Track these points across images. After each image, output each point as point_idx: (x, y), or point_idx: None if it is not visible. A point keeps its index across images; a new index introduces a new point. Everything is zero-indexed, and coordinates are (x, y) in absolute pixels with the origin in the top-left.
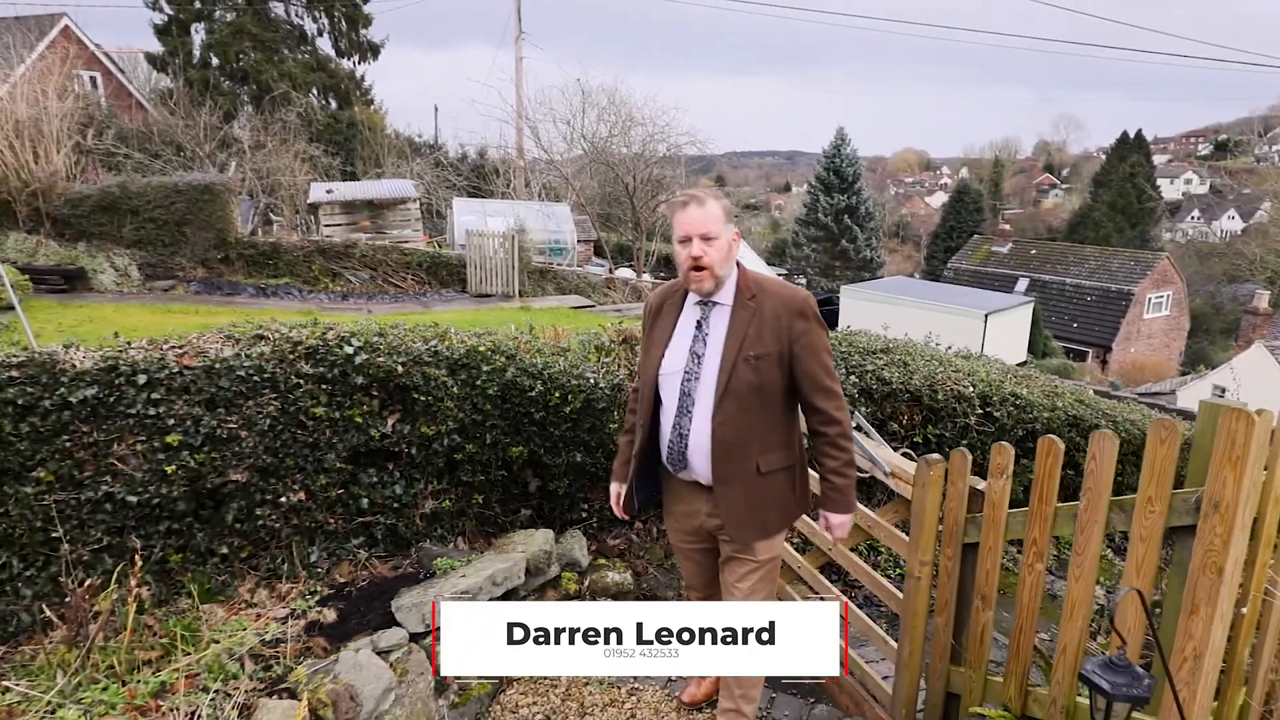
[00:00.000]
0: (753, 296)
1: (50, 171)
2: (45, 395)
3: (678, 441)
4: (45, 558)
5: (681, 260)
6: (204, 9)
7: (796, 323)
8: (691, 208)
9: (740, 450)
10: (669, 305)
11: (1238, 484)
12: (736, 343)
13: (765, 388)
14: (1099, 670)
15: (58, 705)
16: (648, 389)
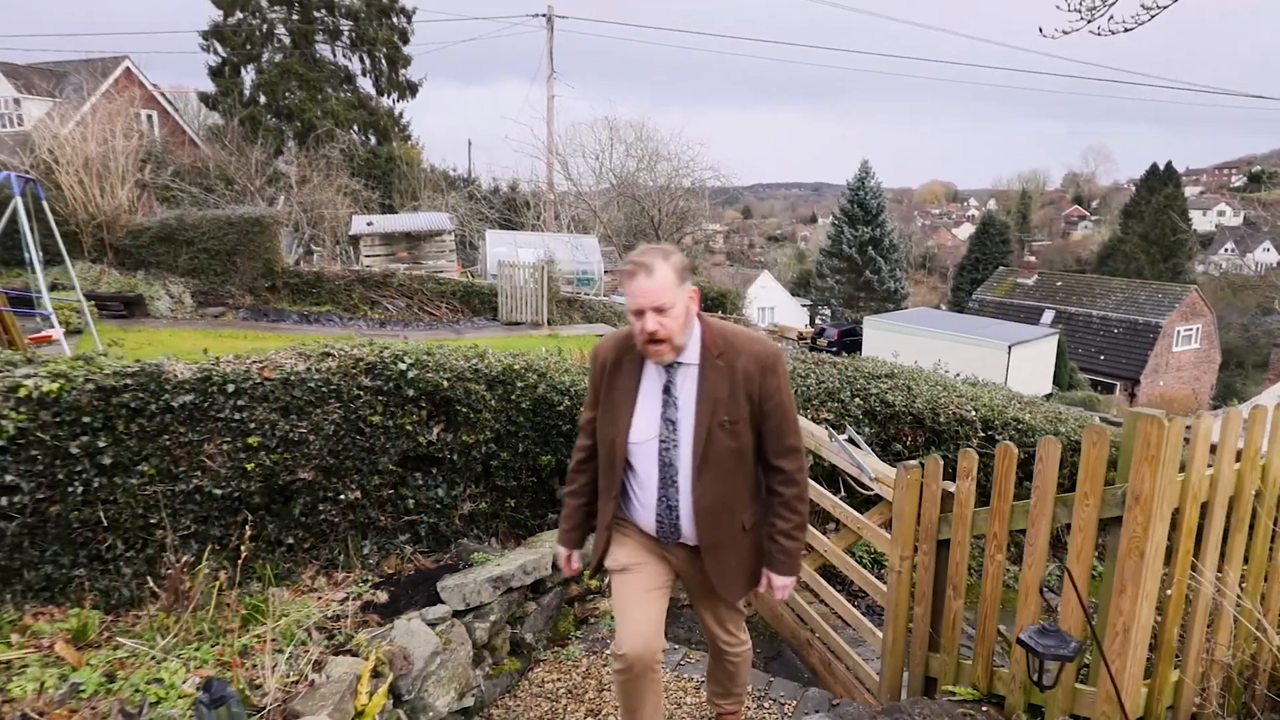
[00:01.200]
0: (720, 354)
1: (115, 205)
2: (152, 400)
3: (667, 514)
4: (143, 541)
5: (636, 333)
6: (255, 51)
7: (768, 380)
8: (640, 278)
9: (725, 514)
10: (628, 362)
11: (1154, 479)
12: (709, 407)
13: (742, 450)
14: (1034, 635)
15: (161, 660)
16: (618, 459)
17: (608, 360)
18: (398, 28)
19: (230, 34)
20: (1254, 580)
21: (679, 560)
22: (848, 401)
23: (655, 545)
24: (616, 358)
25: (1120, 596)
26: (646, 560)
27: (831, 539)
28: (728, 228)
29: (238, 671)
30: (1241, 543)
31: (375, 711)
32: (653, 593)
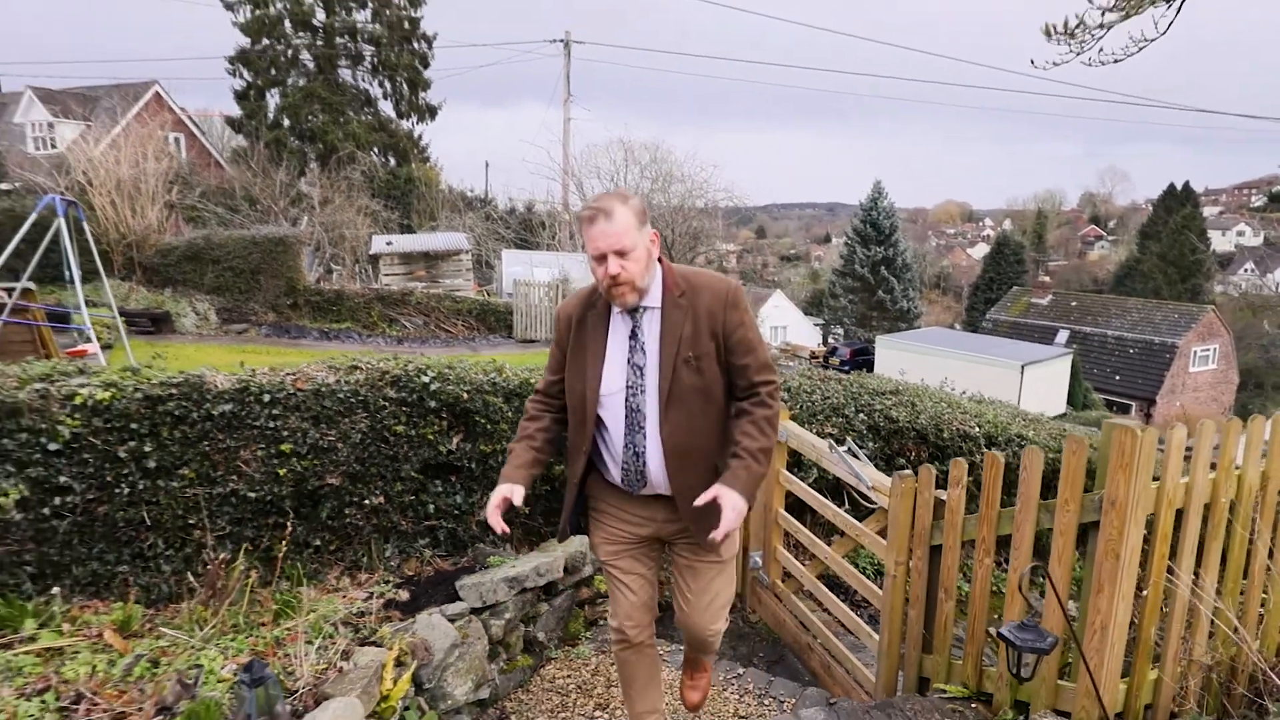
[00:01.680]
0: (682, 294)
1: (144, 225)
2: (194, 409)
3: (634, 461)
4: (182, 541)
5: (598, 277)
6: (279, 76)
7: (731, 314)
8: (599, 222)
9: (695, 456)
10: (593, 316)
11: (1128, 485)
12: (673, 345)
13: (709, 387)
14: (1013, 630)
15: (200, 648)
16: (589, 412)
17: (573, 317)
18: (418, 53)
19: (256, 59)
20: (1231, 585)
21: (661, 525)
22: (852, 417)
23: (635, 517)
24: (581, 314)
25: (1098, 596)
26: (630, 543)
27: (832, 548)
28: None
29: (272, 660)
30: (1217, 549)
31: (399, 696)
32: (642, 573)
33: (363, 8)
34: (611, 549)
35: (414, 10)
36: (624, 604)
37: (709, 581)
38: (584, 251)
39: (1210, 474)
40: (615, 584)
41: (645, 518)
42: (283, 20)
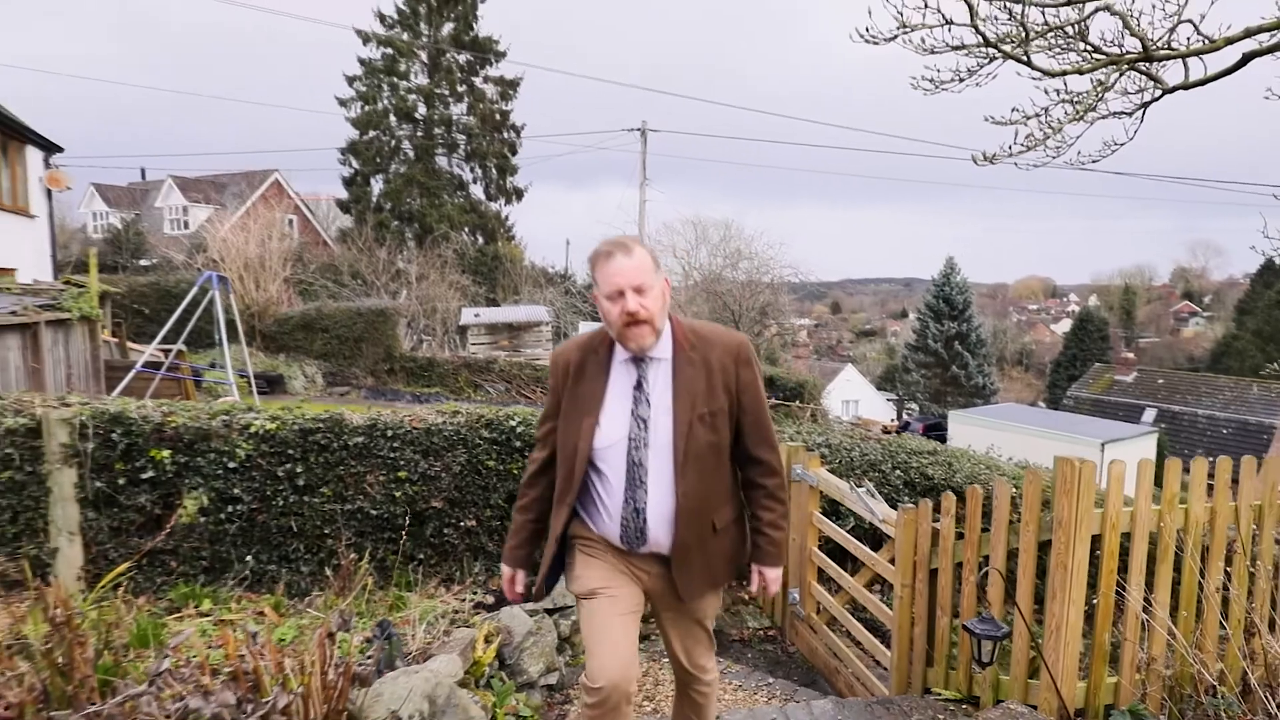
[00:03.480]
0: (693, 347)
1: (266, 298)
2: (334, 439)
3: (634, 518)
4: (318, 546)
5: (614, 317)
6: (383, 163)
7: (743, 371)
8: (619, 258)
9: (701, 514)
10: (594, 363)
11: (1070, 508)
12: (688, 401)
13: (720, 445)
14: (974, 623)
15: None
16: (579, 463)
17: (571, 363)
18: (507, 141)
19: (363, 149)
20: (1186, 606)
21: (649, 578)
22: (888, 472)
23: (623, 563)
24: (581, 359)
25: (1052, 602)
26: (616, 583)
27: (855, 578)
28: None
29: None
30: (1168, 571)
31: (487, 662)
32: (625, 618)
33: (459, 102)
34: (601, 575)
35: (504, 104)
36: (606, 653)
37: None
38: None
39: (1155, 506)
40: (596, 626)
41: (637, 570)
42: (388, 114)
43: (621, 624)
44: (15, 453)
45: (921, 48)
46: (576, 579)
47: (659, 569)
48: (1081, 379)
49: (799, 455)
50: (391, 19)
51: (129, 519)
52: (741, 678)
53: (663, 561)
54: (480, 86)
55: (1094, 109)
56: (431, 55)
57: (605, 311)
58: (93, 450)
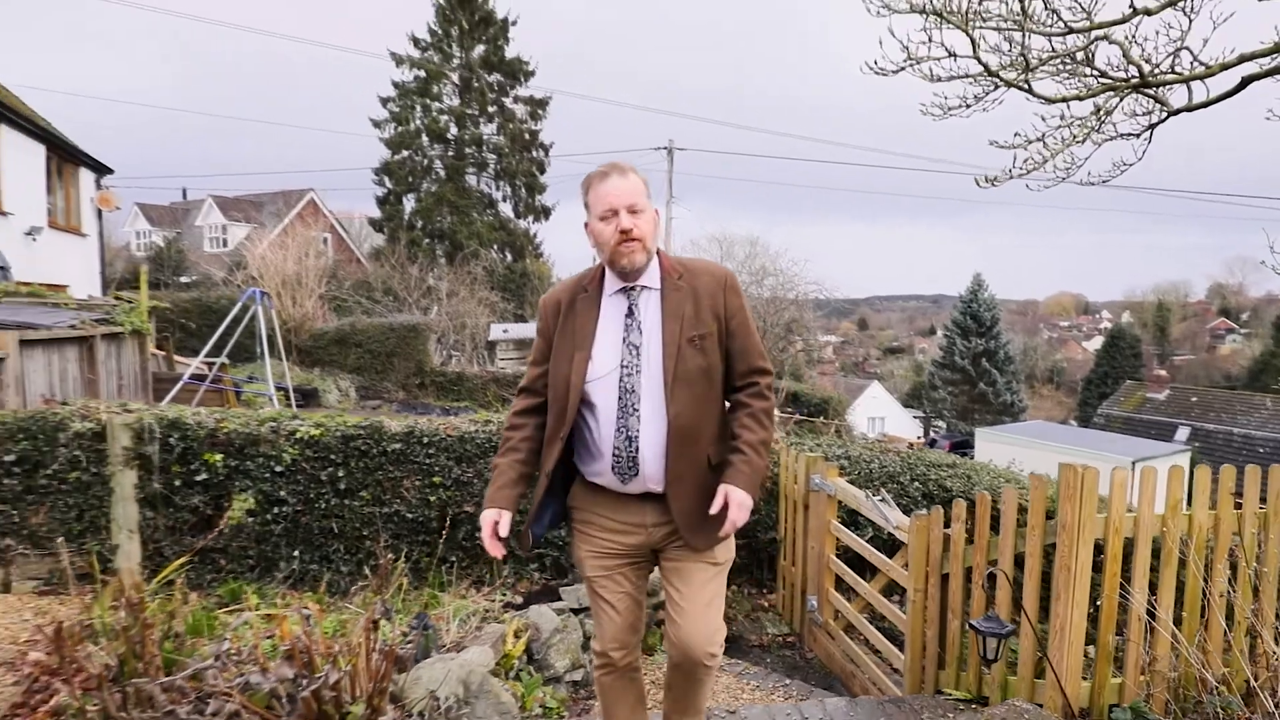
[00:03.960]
0: (680, 276)
1: (302, 314)
2: (374, 446)
3: (626, 446)
4: (356, 547)
5: (607, 236)
6: (415, 182)
7: (731, 298)
8: (614, 178)
9: (694, 443)
10: (583, 300)
11: (1074, 512)
12: (677, 324)
13: (710, 370)
14: (981, 622)
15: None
16: (572, 397)
17: (560, 302)
18: (536, 160)
19: (396, 168)
20: (1190, 611)
21: (648, 531)
22: (907, 484)
23: (623, 524)
24: (570, 298)
25: (1057, 602)
26: (619, 556)
27: (870, 583)
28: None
29: None
30: (1172, 576)
31: (516, 655)
32: (627, 596)
33: (489, 122)
34: (598, 564)
35: (534, 123)
36: (609, 625)
37: (702, 585)
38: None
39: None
40: (600, 604)
41: (634, 524)
42: (420, 134)
43: (622, 602)
44: (82, 455)
45: (929, 77)
46: (581, 562)
47: (657, 516)
48: (1112, 397)
49: (818, 466)
50: (424, 42)
51: (183, 518)
52: (759, 679)
53: (659, 504)
54: (510, 107)
55: (1096, 131)
56: (463, 77)
57: (598, 232)
58: (154, 453)
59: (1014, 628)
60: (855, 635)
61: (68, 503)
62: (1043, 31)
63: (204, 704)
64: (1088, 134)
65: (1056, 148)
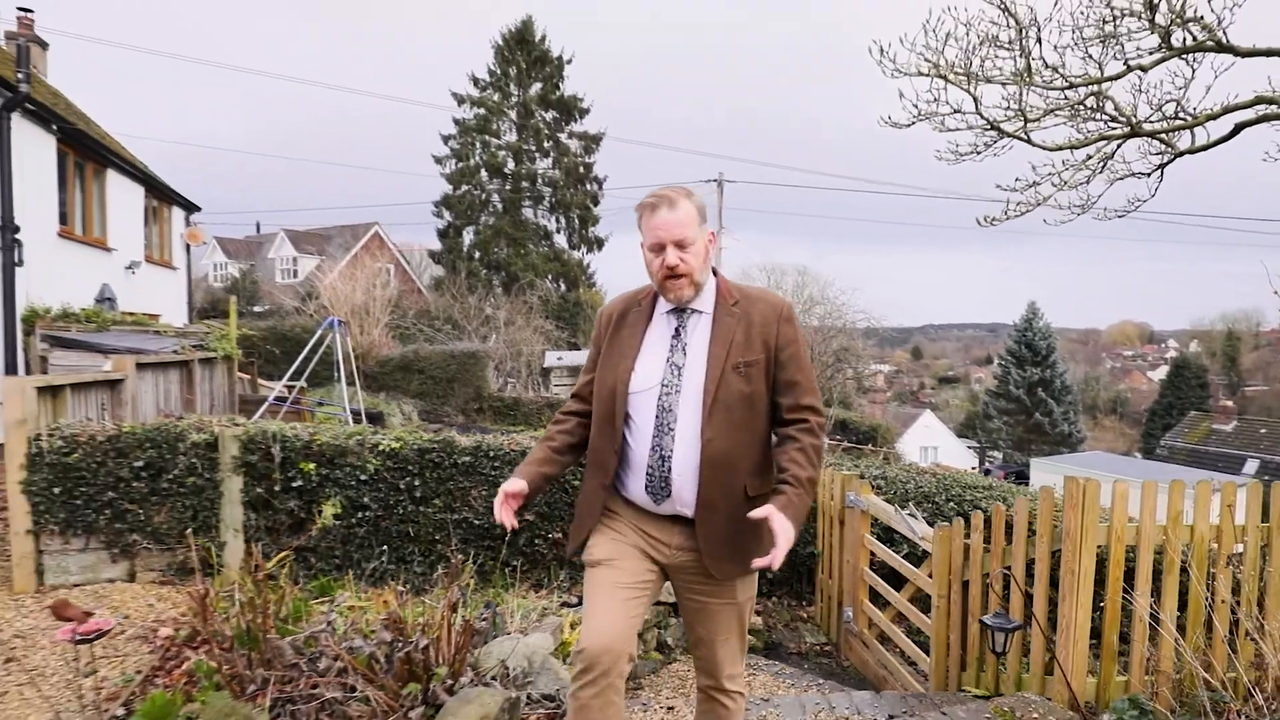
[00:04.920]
0: (736, 303)
1: (369, 341)
2: (446, 458)
3: (659, 465)
4: (429, 550)
5: (654, 269)
6: (474, 215)
7: (785, 328)
8: (662, 211)
9: (729, 470)
10: (635, 314)
11: (1077, 520)
12: (724, 349)
13: (755, 398)
14: (989, 618)
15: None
16: (619, 404)
17: (614, 314)
18: (590, 193)
19: (456, 202)
20: (1193, 615)
21: (671, 552)
22: (942, 504)
23: (644, 538)
24: (624, 310)
25: (1063, 604)
26: (625, 556)
27: (900, 593)
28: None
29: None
30: (1174, 582)
31: (572, 643)
32: (626, 590)
33: (545, 156)
34: (613, 548)
35: (588, 157)
36: (603, 620)
37: (718, 622)
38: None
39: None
40: (597, 594)
41: (659, 540)
42: (479, 170)
43: (621, 595)
44: (198, 462)
45: (941, 128)
46: (589, 548)
47: (682, 540)
48: (1176, 428)
49: (852, 484)
50: (484, 81)
51: (280, 520)
52: (794, 679)
53: (687, 528)
54: (565, 142)
55: (1099, 173)
56: (520, 114)
57: (647, 262)
58: (257, 461)
59: (1020, 624)
60: (891, 647)
61: (185, 504)
62: (1044, 86)
63: (315, 663)
64: (1090, 177)
65: (1052, 191)
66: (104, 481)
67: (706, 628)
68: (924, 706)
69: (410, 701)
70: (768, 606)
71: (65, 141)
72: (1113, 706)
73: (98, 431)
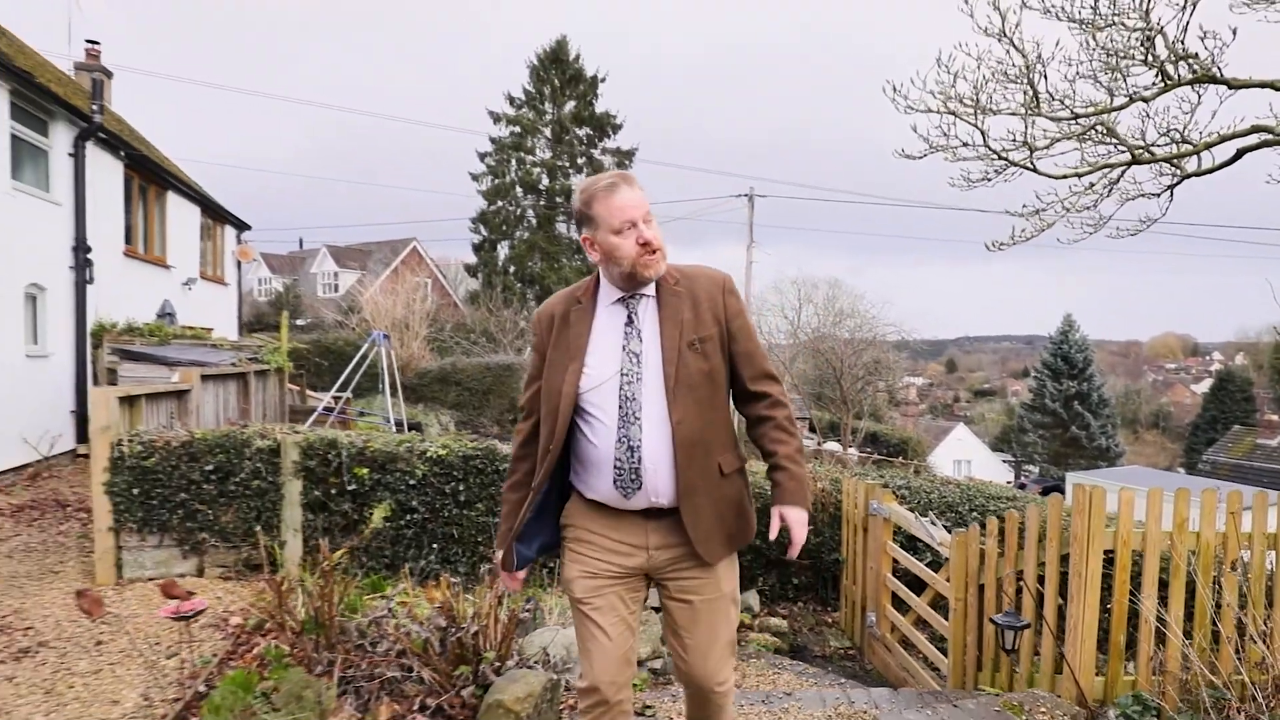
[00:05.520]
0: (677, 282)
1: (409, 354)
2: (489, 464)
3: (628, 457)
4: (472, 551)
5: (628, 249)
6: (508, 230)
7: (730, 300)
8: (623, 189)
9: (703, 450)
10: (576, 312)
11: (1084, 525)
12: (676, 328)
13: (714, 374)
14: (999, 616)
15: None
16: (564, 408)
17: (555, 314)
18: None
19: (491, 218)
20: (1198, 618)
21: (648, 554)
22: (965, 514)
23: (622, 544)
24: (564, 311)
25: (1072, 604)
26: (605, 588)
27: (920, 597)
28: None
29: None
30: (1180, 587)
31: None
32: (614, 626)
33: (578, 172)
34: (590, 584)
35: None
36: (598, 654)
37: (709, 620)
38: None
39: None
40: (589, 628)
41: (634, 545)
42: (514, 186)
43: (617, 627)
44: (262, 466)
45: (953, 158)
46: (566, 582)
47: (661, 537)
48: (1219, 442)
49: (875, 492)
50: (519, 100)
51: (335, 521)
52: (817, 678)
53: (662, 521)
54: (599, 158)
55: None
56: (555, 131)
57: (613, 247)
58: (315, 466)
59: (1027, 622)
60: (915, 653)
61: (249, 505)
62: (1051, 116)
63: (376, 646)
64: (1097, 201)
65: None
66: (177, 484)
67: (695, 627)
68: (938, 700)
69: (461, 681)
70: (793, 611)
71: (131, 166)
72: (1117, 702)
73: (172, 437)
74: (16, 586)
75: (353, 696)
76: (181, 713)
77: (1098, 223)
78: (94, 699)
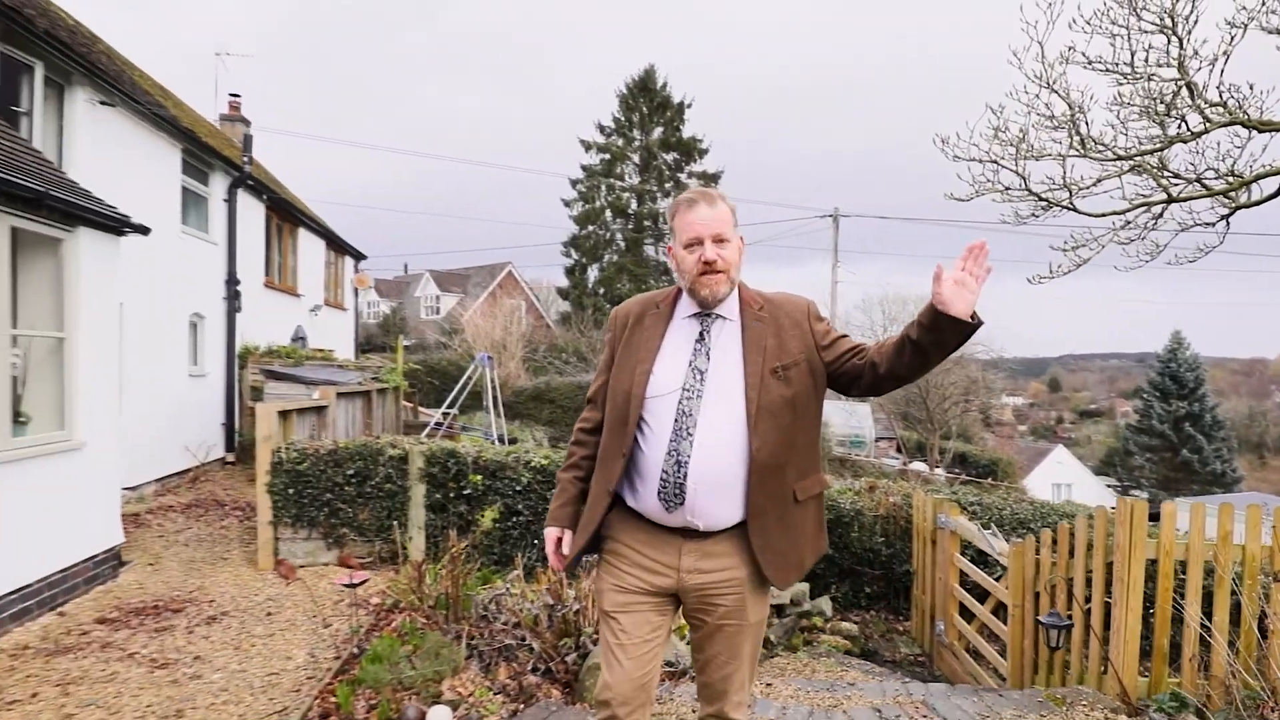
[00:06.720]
0: (761, 308)
1: (506, 373)
2: None
3: (674, 471)
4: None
5: (689, 265)
6: (598, 253)
7: (816, 324)
8: (701, 206)
9: (777, 476)
10: (652, 316)
11: (1127, 535)
12: (759, 355)
13: (796, 401)
14: (1044, 617)
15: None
16: (632, 409)
17: (630, 316)
18: None
19: (582, 241)
20: (1246, 625)
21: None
22: (1037, 530)
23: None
24: (640, 313)
25: (1116, 609)
26: (636, 605)
27: (984, 605)
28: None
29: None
30: (1225, 595)
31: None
32: (641, 644)
33: (666, 196)
34: (619, 599)
35: None
36: (618, 673)
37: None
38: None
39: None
40: (611, 647)
41: (667, 565)
42: (604, 211)
43: (634, 651)
44: (393, 472)
45: (1001, 199)
46: (598, 592)
47: (692, 560)
48: None
49: (943, 506)
50: (609, 128)
51: (451, 521)
52: (883, 676)
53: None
54: (685, 181)
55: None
56: (643, 157)
57: (680, 260)
58: (437, 472)
59: (1070, 622)
60: (983, 662)
61: (382, 505)
62: (1095, 157)
63: (494, 620)
64: (1141, 234)
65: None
66: (324, 485)
67: (718, 649)
68: (992, 695)
69: (565, 650)
70: (865, 618)
71: (271, 207)
72: (1156, 699)
73: (320, 446)
74: (196, 569)
75: (476, 660)
76: (344, 665)
77: (1154, 251)
78: (272, 655)
